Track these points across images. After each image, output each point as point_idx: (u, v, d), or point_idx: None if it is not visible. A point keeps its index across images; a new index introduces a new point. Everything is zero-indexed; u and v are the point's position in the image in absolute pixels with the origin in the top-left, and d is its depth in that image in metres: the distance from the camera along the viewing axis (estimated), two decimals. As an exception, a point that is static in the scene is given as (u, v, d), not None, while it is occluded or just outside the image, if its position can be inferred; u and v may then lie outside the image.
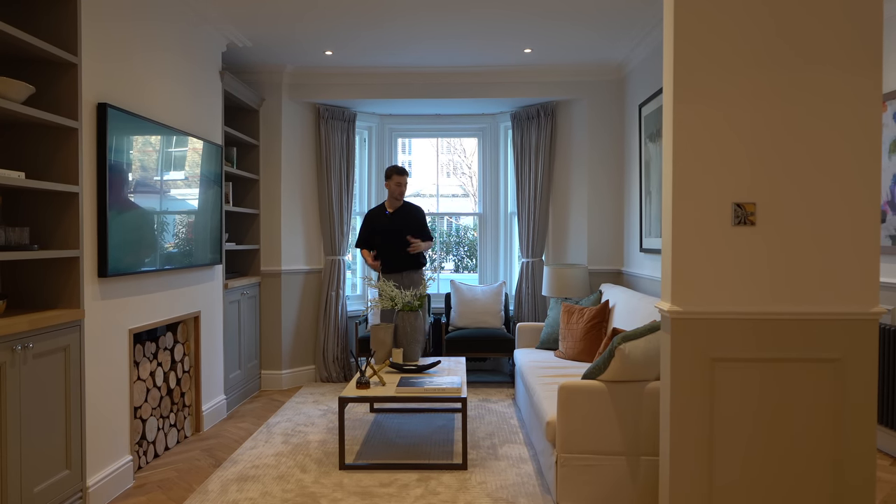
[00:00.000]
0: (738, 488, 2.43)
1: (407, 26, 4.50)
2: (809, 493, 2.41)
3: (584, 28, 4.53)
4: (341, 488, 3.33)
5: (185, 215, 4.04)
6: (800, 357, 2.40)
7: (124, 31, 3.41)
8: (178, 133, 3.91)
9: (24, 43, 2.66)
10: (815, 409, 2.40)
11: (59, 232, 2.98)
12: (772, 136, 2.40)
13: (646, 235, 4.85)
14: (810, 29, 2.37)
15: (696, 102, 2.41)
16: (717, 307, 2.41)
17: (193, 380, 4.31)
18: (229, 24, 4.46)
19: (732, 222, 2.41)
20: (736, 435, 2.42)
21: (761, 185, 2.41)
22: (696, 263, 2.42)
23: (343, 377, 5.83)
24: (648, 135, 4.76)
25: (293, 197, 5.68)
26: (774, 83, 2.39)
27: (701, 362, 2.42)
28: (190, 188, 4.10)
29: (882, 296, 3.73)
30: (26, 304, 2.99)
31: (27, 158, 2.95)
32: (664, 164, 2.52)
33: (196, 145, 4.14)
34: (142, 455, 3.68)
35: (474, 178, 10.02)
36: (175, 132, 3.87)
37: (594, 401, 3.08)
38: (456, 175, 11.06)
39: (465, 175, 10.48)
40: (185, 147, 4.02)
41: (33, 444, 2.68)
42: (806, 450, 2.41)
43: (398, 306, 4.50)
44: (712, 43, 2.40)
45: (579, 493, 3.09)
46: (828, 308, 2.39)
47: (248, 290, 5.25)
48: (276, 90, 5.53)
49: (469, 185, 9.83)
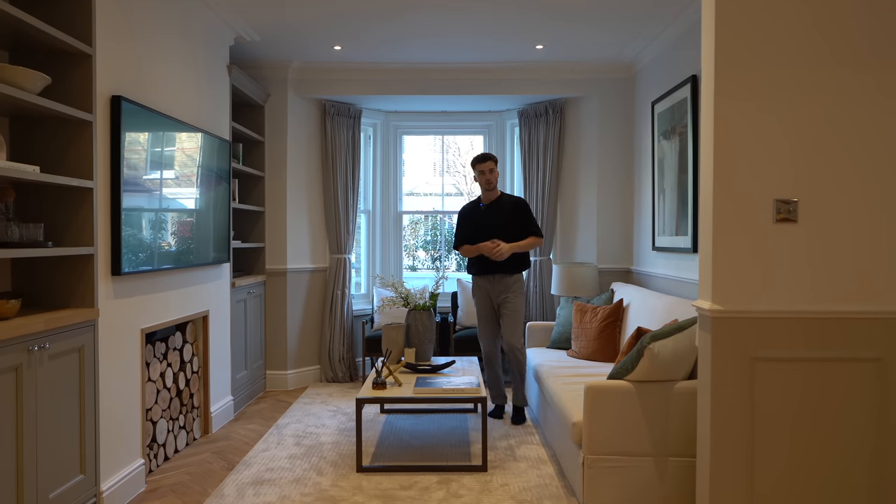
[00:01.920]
0: (779, 488, 2.39)
1: (420, 19, 4.43)
2: (850, 491, 2.38)
3: (597, 25, 4.48)
4: (361, 491, 3.26)
5: (196, 212, 3.95)
6: (840, 356, 2.36)
7: (135, 23, 3.32)
8: (189, 128, 3.81)
9: (40, 32, 2.56)
10: (856, 408, 2.36)
11: (72, 228, 2.88)
12: (814, 133, 2.36)
13: (659, 234, 4.81)
14: (852, 28, 2.33)
15: (737, 98, 2.36)
16: (759, 306, 2.37)
17: (202, 380, 4.22)
18: (238, 16, 4.36)
19: (774, 219, 2.37)
20: (776, 434, 2.38)
21: (803, 182, 2.36)
22: (738, 262, 2.38)
23: (349, 377, 5.74)
24: (662, 132, 4.72)
25: (298, 194, 5.59)
26: (817, 80, 2.35)
27: (742, 362, 2.37)
28: (200, 184, 4.00)
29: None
30: (39, 303, 2.89)
31: (41, 152, 2.85)
32: (703, 161, 2.47)
33: (206, 141, 4.05)
34: (152, 458, 3.58)
35: (469, 177, 9.94)
36: (186, 127, 3.77)
37: (622, 401, 3.03)
38: (450, 174, 10.99)
39: (460, 174, 10.42)
40: (196, 143, 3.92)
41: (49, 449, 2.59)
42: (847, 449, 2.37)
43: (410, 305, 4.43)
44: (756, 38, 2.35)
45: (606, 495, 3.03)
46: (868, 307, 2.36)
47: (254, 289, 5.15)
48: (282, 86, 5.44)
49: (463, 184, 9.77)
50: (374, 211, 6.25)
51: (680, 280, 4.34)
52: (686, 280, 4.23)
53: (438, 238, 7.59)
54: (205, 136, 4.03)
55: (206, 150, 4.06)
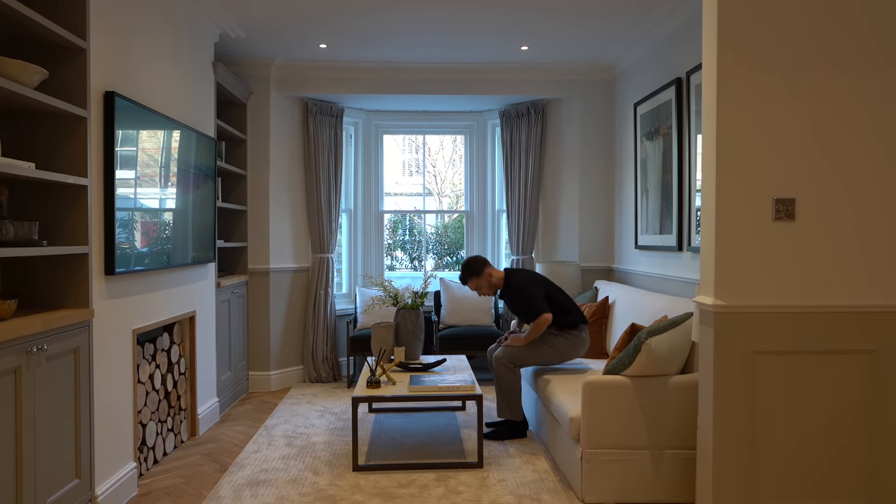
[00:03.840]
0: (779, 477, 2.48)
1: (402, 17, 4.42)
2: (846, 477, 2.48)
3: (582, 27, 4.55)
4: (360, 490, 3.25)
5: (183, 210, 3.88)
6: (837, 349, 2.46)
7: (125, 17, 3.24)
8: (179, 125, 3.75)
9: (35, 24, 2.49)
10: (853, 398, 2.47)
11: (66, 227, 2.81)
12: (813, 132, 2.45)
13: (642, 233, 4.91)
14: (850, 27, 2.43)
15: (739, 98, 2.44)
16: (760, 301, 2.45)
17: (189, 382, 4.15)
18: (225, 11, 4.30)
19: (773, 217, 2.45)
20: (776, 425, 2.47)
21: (802, 180, 2.46)
22: (739, 258, 2.45)
23: (332, 377, 5.71)
24: (645, 133, 4.82)
25: (281, 193, 5.54)
26: (817, 81, 2.44)
27: (743, 355, 2.45)
28: (188, 182, 3.94)
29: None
30: (32, 302, 2.81)
31: (35, 149, 2.77)
32: (704, 160, 2.54)
33: (193, 138, 3.98)
34: (142, 461, 3.51)
35: (439, 177, 9.95)
36: (176, 124, 3.71)
37: (619, 396, 3.09)
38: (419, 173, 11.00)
39: (430, 174, 10.44)
40: (184, 140, 3.86)
41: (45, 453, 2.52)
42: (844, 437, 2.48)
43: (399, 304, 4.44)
44: (757, 39, 2.43)
45: (605, 488, 3.09)
46: (864, 301, 2.46)
47: (237, 289, 5.09)
48: (264, 84, 5.38)
49: (433, 184, 9.79)
50: (356, 210, 6.22)
51: (664, 277, 4.44)
52: (670, 277, 4.33)
53: (418, 238, 7.59)
54: (193, 133, 3.96)
55: (194, 148, 3.99)
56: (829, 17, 2.43)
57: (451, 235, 8.84)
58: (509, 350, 3.99)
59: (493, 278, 4.12)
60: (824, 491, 2.49)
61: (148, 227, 3.41)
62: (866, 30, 2.43)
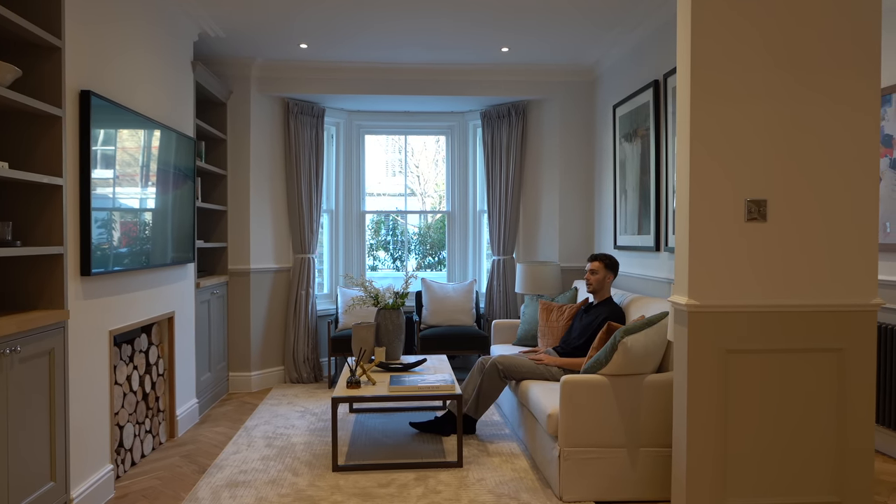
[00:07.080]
0: (751, 471, 2.52)
1: (386, 17, 4.43)
2: (815, 471, 2.53)
3: (561, 29, 4.59)
4: (339, 490, 3.26)
5: (162, 211, 3.86)
6: (806, 347, 2.51)
7: (102, 15, 3.22)
8: (157, 125, 3.72)
9: (8, 22, 2.46)
10: (822, 395, 2.52)
11: (41, 227, 2.78)
12: (784, 134, 2.50)
13: (620, 233, 4.96)
14: (817, 32, 2.48)
15: (712, 100, 2.48)
16: (732, 301, 2.49)
17: (168, 383, 4.12)
18: (204, 10, 4.28)
19: (745, 218, 2.49)
20: (748, 422, 2.52)
21: (773, 182, 2.50)
22: (712, 259, 2.50)
23: (313, 378, 5.70)
24: (624, 135, 4.87)
25: (261, 193, 5.52)
26: (786, 83, 2.49)
27: (716, 354, 2.49)
28: (167, 182, 3.91)
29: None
30: (7, 304, 2.78)
31: (8, 148, 2.74)
32: (678, 162, 2.58)
33: (173, 138, 3.96)
34: (119, 464, 3.48)
35: (422, 178, 9.96)
36: (154, 124, 3.68)
37: (596, 395, 3.13)
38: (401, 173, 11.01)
39: (413, 174, 10.44)
40: (163, 139, 3.83)
41: (18, 456, 2.50)
42: (813, 433, 2.53)
43: (380, 304, 4.44)
44: (726, 45, 2.47)
45: (582, 486, 3.12)
46: (832, 300, 2.51)
47: (217, 289, 5.06)
48: (245, 83, 5.36)
49: (416, 185, 9.80)
50: (338, 210, 6.22)
51: (642, 277, 4.49)
52: (648, 277, 4.37)
53: (400, 238, 7.59)
54: (172, 133, 3.94)
55: (173, 148, 3.97)
56: (795, 21, 2.48)
57: (433, 236, 8.86)
58: (510, 360, 3.91)
59: (606, 282, 4.10)
60: (795, 487, 2.54)
61: (126, 228, 3.38)
62: (830, 34, 2.48)
